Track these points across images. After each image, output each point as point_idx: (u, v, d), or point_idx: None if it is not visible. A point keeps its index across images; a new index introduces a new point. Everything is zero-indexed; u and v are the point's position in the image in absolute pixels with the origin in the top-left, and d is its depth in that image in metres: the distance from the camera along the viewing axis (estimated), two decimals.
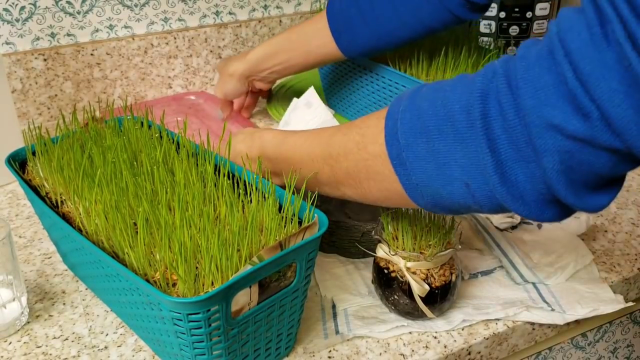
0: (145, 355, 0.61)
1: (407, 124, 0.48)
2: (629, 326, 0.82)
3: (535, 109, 0.40)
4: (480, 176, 0.44)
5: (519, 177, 0.43)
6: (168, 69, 1.15)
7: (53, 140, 0.69)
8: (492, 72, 0.44)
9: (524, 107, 0.41)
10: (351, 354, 0.61)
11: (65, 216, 0.61)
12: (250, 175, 0.62)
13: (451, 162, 0.46)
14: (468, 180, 0.45)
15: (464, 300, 0.67)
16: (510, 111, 0.42)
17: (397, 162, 0.49)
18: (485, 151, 0.43)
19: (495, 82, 0.43)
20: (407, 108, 0.49)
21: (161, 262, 0.53)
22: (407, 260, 0.61)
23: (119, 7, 1.08)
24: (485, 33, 1.11)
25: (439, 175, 0.47)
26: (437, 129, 0.46)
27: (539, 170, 0.42)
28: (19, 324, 0.65)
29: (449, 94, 0.46)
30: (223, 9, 1.17)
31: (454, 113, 0.45)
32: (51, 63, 1.04)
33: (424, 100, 0.48)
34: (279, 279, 0.54)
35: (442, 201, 0.49)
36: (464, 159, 0.45)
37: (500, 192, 0.44)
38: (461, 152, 0.45)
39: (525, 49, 0.43)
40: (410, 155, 0.48)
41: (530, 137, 0.41)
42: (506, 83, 0.42)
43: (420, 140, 0.47)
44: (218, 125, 1.04)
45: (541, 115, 0.40)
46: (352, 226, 0.71)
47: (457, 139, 0.45)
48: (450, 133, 0.45)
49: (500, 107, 0.42)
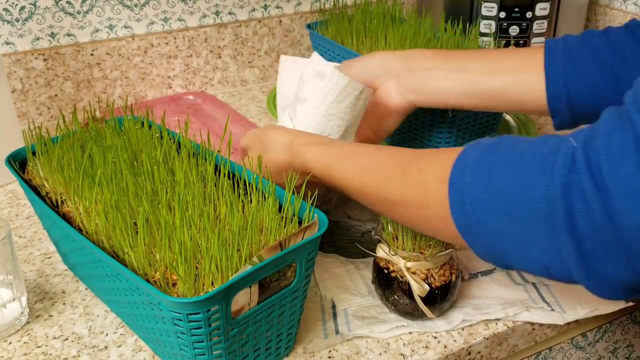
0: (145, 355, 0.61)
1: (476, 199, 0.46)
2: (629, 326, 0.82)
3: (629, 214, 0.38)
4: (562, 263, 0.43)
5: (607, 270, 0.42)
6: (168, 69, 1.15)
7: (53, 140, 0.69)
8: (572, 161, 0.41)
9: (615, 210, 0.39)
10: (351, 354, 0.61)
11: (65, 216, 0.61)
12: (251, 175, 0.62)
13: (529, 245, 0.44)
14: (548, 263, 0.44)
15: (464, 300, 0.67)
16: (599, 211, 0.39)
17: (465, 231, 0.48)
18: (568, 243, 0.42)
19: (578, 177, 0.40)
20: (475, 181, 0.46)
21: (161, 262, 0.53)
22: (407, 260, 0.61)
23: (119, 7, 1.08)
24: (485, 33, 1.11)
25: (514, 253, 0.46)
26: (514, 214, 0.44)
27: (629, 266, 0.41)
28: (19, 324, 0.65)
29: (524, 176, 0.43)
30: (223, 9, 1.17)
31: (533, 202, 0.42)
32: (51, 63, 1.04)
33: (495, 176, 0.46)
34: (279, 279, 0.54)
35: (511, 266, 0.48)
36: (544, 245, 0.43)
37: (584, 281, 0.43)
38: (542, 238, 0.43)
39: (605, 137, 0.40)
40: (482, 230, 0.46)
41: (624, 238, 0.39)
42: (591, 180, 0.40)
43: (493, 219, 0.45)
44: (217, 125, 1.04)
45: (635, 218, 0.38)
46: (352, 226, 0.71)
47: (537, 226, 0.43)
48: (529, 219, 0.43)
49: (587, 206, 0.40)
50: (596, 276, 0.42)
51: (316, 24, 1.07)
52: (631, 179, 0.38)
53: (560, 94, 0.69)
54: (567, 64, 0.69)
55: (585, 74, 0.68)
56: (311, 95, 0.72)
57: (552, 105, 0.70)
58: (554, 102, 0.70)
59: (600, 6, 1.28)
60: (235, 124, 1.03)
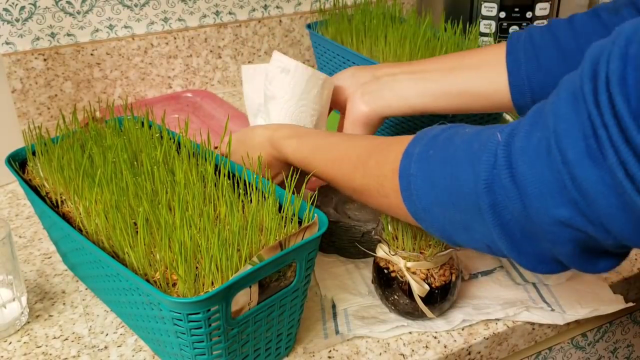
0: (145, 355, 0.61)
1: (420, 190, 0.50)
2: (629, 326, 0.82)
3: (542, 210, 0.41)
4: (497, 244, 0.46)
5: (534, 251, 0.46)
6: (168, 69, 1.15)
7: (53, 140, 0.69)
8: (494, 158, 0.44)
9: (530, 207, 0.42)
10: (351, 354, 0.61)
11: (65, 216, 0.61)
12: (251, 175, 0.62)
13: (470, 229, 0.48)
14: (489, 244, 0.47)
15: (464, 300, 0.67)
16: (518, 205, 0.43)
17: (416, 217, 0.52)
18: (496, 231, 0.45)
19: (498, 173, 0.43)
20: (418, 173, 0.50)
21: (161, 262, 0.53)
22: (407, 260, 0.61)
23: (119, 7, 1.08)
24: (485, 33, 1.11)
25: (460, 235, 0.49)
26: (452, 204, 0.47)
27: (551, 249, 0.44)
28: (19, 324, 0.65)
29: (456, 170, 0.47)
30: (223, 9, 1.17)
31: (465, 195, 0.46)
32: (51, 63, 1.04)
33: (433, 169, 0.49)
34: (279, 278, 0.54)
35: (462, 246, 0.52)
36: (481, 229, 0.46)
37: (517, 260, 0.47)
38: (478, 225, 0.46)
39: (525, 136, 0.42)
40: (429, 216, 0.50)
41: (542, 230, 0.42)
42: (510, 177, 0.43)
43: (437, 207, 0.49)
44: (217, 124, 1.04)
45: (548, 214, 0.41)
46: (352, 226, 0.71)
47: (472, 215, 0.46)
48: (465, 209, 0.47)
49: (508, 200, 0.43)
50: (525, 256, 0.46)
51: (316, 24, 1.07)
52: (543, 180, 0.41)
53: (522, 86, 0.68)
54: (528, 54, 0.68)
55: (546, 62, 0.67)
56: (280, 90, 0.75)
57: (516, 98, 0.69)
58: (517, 95, 0.69)
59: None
60: (235, 121, 1.03)
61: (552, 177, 0.40)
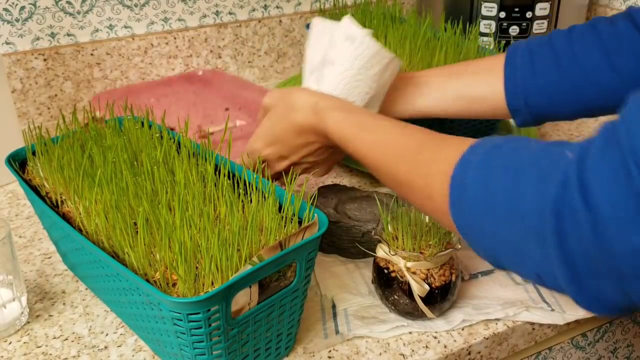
0: (145, 355, 0.61)
1: (474, 201, 0.46)
2: (629, 326, 0.82)
3: (619, 236, 0.37)
4: (552, 275, 0.42)
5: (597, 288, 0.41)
6: (168, 69, 1.15)
7: (53, 140, 0.69)
8: (565, 177, 0.40)
9: (605, 234, 0.37)
10: (351, 354, 0.61)
11: (65, 216, 0.61)
12: (251, 175, 0.62)
13: (522, 253, 0.44)
14: (540, 273, 0.44)
15: (464, 300, 0.67)
16: (589, 233, 0.38)
17: (463, 230, 0.48)
18: (558, 259, 0.41)
19: (570, 194, 0.39)
20: (475, 184, 0.46)
21: (161, 262, 0.53)
22: (407, 260, 0.61)
23: (119, 7, 1.08)
24: (485, 33, 1.11)
25: (508, 257, 0.46)
26: (508, 221, 0.44)
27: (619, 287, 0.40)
28: (19, 324, 0.65)
29: (520, 186, 0.43)
30: (223, 9, 1.17)
31: (526, 214, 0.42)
32: (51, 63, 1.04)
33: (493, 182, 0.45)
34: (279, 278, 0.54)
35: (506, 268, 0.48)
36: (536, 255, 0.42)
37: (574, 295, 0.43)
38: (533, 249, 0.42)
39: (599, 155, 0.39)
40: (478, 231, 0.47)
41: (614, 261, 0.38)
42: (582, 199, 0.38)
43: (489, 223, 0.45)
44: (235, 99, 1.04)
45: (627, 241, 0.37)
46: (352, 226, 0.71)
47: (529, 237, 0.42)
48: (522, 229, 0.43)
49: (578, 226, 0.39)
50: (586, 292, 0.42)
51: None
52: (621, 202, 0.37)
53: (517, 92, 0.70)
54: (525, 60, 0.70)
55: (541, 68, 0.69)
56: (340, 58, 0.71)
57: (511, 103, 0.71)
58: (512, 100, 0.71)
59: (600, 6, 1.28)
60: (248, 90, 1.02)
61: (632, 200, 0.36)
